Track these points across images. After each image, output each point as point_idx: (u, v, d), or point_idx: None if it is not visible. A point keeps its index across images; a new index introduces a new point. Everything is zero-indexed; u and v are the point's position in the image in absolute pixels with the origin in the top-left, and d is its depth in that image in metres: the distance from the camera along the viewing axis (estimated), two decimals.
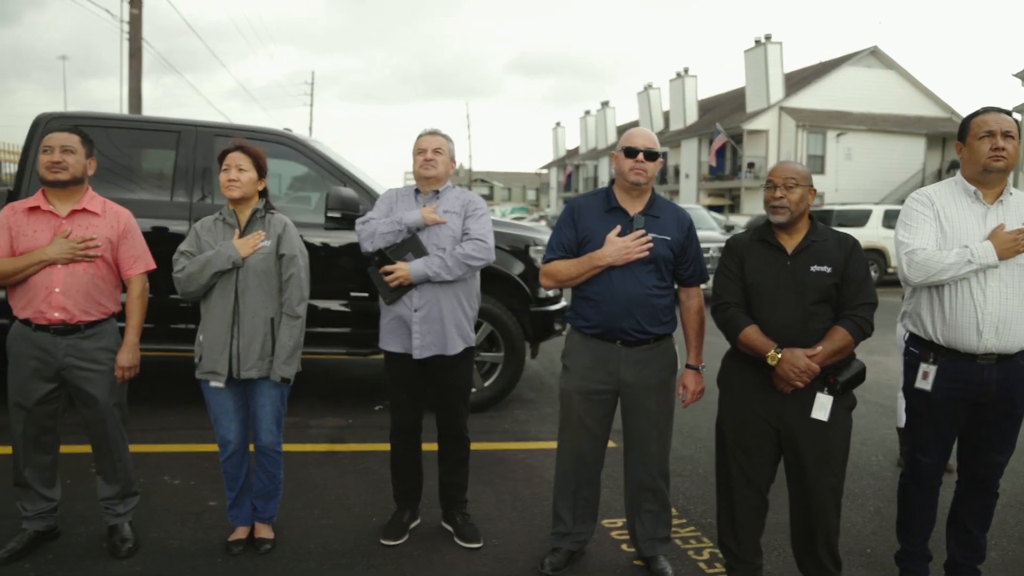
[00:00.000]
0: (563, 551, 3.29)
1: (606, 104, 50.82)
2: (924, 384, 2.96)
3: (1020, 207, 2.88)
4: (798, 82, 35.02)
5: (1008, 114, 2.87)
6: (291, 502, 3.77)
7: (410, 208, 3.39)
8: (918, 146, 33.14)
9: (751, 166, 33.68)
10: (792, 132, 32.39)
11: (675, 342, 3.24)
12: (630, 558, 3.43)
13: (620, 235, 3.04)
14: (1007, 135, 2.81)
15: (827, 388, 2.74)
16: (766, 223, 2.91)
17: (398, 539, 3.48)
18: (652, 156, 3.09)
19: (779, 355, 2.71)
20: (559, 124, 62.69)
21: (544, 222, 27.17)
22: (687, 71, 40.51)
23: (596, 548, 3.50)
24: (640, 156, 3.07)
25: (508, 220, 6.66)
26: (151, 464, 4.33)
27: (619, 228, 3.06)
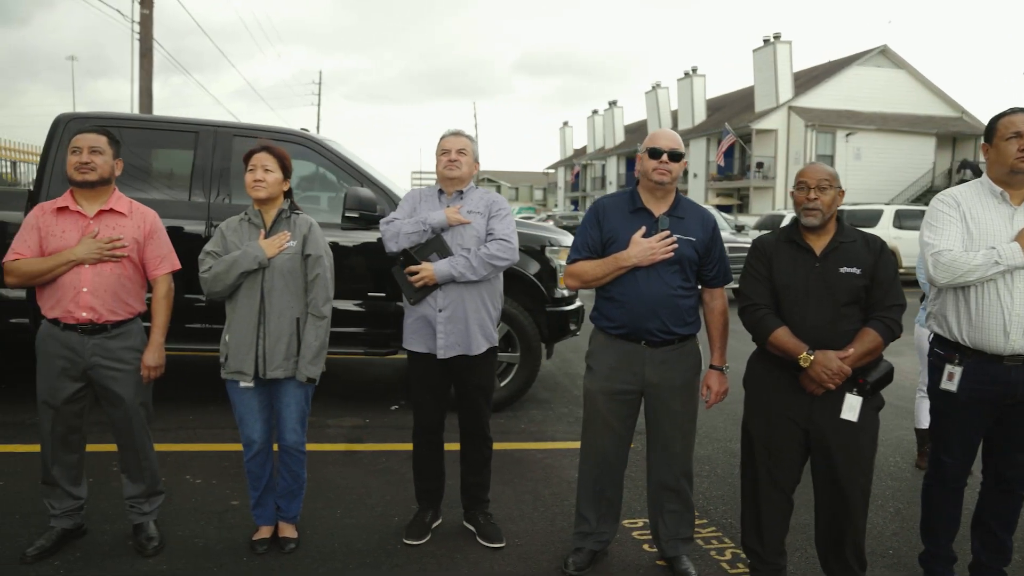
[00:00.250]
0: (586, 551, 3.30)
1: (614, 103, 50.76)
2: (950, 385, 2.95)
3: None
4: (807, 81, 34.92)
5: None
6: (313, 502, 3.79)
7: (434, 208, 3.40)
8: (928, 146, 33.01)
9: (760, 166, 33.60)
10: (801, 132, 32.30)
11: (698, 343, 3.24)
12: (652, 558, 3.43)
13: (645, 236, 3.05)
14: None
15: (856, 389, 2.74)
16: (793, 224, 2.90)
17: (421, 539, 3.49)
18: (676, 157, 3.09)
19: (811, 357, 2.71)
20: (566, 123, 62.53)
21: (552, 222, 27.16)
22: (695, 70, 40.43)
23: (618, 548, 3.51)
24: (664, 157, 3.07)
25: (519, 220, 6.66)
26: (172, 463, 4.35)
27: (644, 229, 3.07)
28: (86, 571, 3.12)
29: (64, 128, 5.20)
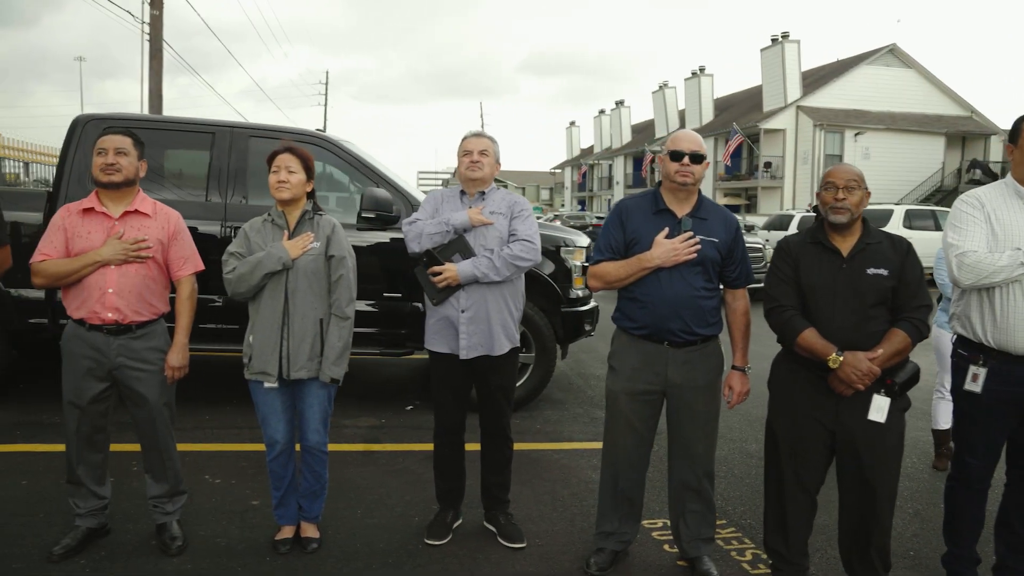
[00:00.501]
0: (608, 551, 3.31)
1: (621, 103, 50.67)
2: (974, 386, 2.95)
3: None
4: (816, 81, 34.80)
5: None
6: (333, 502, 3.80)
7: (456, 209, 3.41)
8: (937, 145, 32.86)
9: (768, 166, 33.51)
10: (809, 131, 32.19)
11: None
12: (673, 558, 3.44)
13: (668, 237, 3.06)
14: None
15: (884, 390, 2.74)
16: (819, 225, 2.90)
17: (442, 539, 3.50)
18: (698, 158, 3.10)
19: (841, 358, 2.70)
20: (573, 123, 62.45)
21: (559, 222, 27.12)
22: (703, 70, 40.32)
23: (639, 549, 3.51)
24: (686, 159, 3.08)
25: None
26: (190, 463, 4.36)
27: (667, 230, 3.07)
28: (112, 570, 3.14)
29: (83, 129, 5.23)
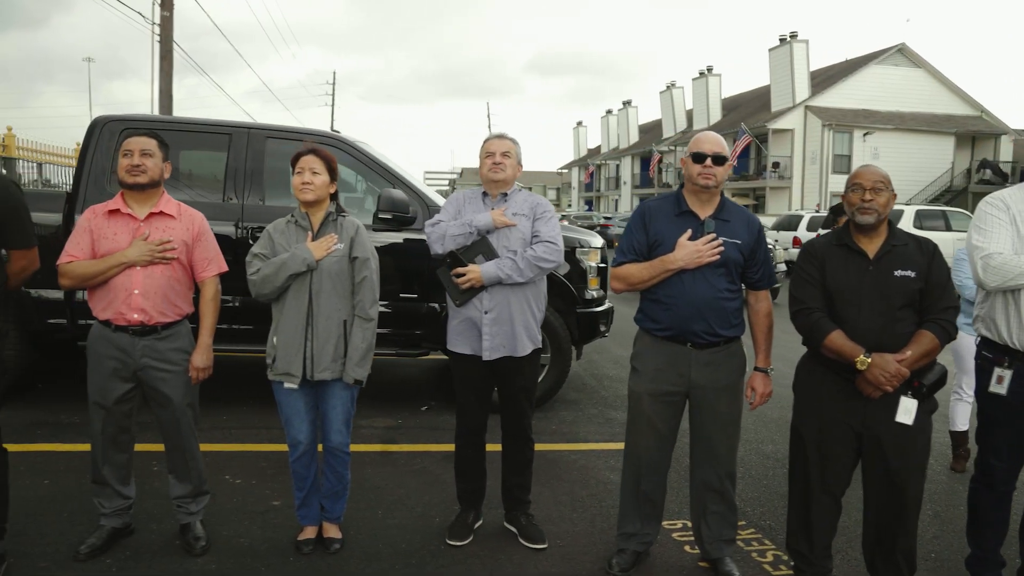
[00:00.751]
0: (630, 552, 3.31)
1: (628, 103, 50.67)
2: (999, 388, 2.95)
3: None
4: (824, 80, 34.72)
5: None
6: (354, 502, 3.80)
7: (478, 211, 3.42)
8: (947, 145, 32.76)
9: (776, 166, 33.46)
10: (818, 131, 32.14)
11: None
12: (695, 559, 3.44)
13: (691, 239, 3.06)
14: None
15: (912, 392, 2.74)
16: (844, 227, 2.90)
17: (464, 540, 3.50)
18: (720, 160, 3.10)
19: (868, 360, 2.70)
20: (580, 123, 62.49)
21: (567, 221, 27.10)
22: (711, 69, 40.28)
23: (660, 549, 3.51)
24: (708, 161, 3.08)
25: None
26: (210, 463, 4.33)
27: (690, 232, 3.07)
28: (137, 569, 3.16)
29: (101, 130, 5.26)
